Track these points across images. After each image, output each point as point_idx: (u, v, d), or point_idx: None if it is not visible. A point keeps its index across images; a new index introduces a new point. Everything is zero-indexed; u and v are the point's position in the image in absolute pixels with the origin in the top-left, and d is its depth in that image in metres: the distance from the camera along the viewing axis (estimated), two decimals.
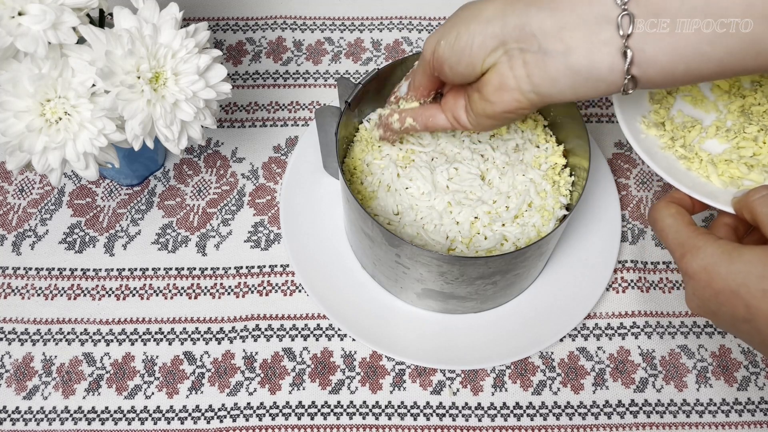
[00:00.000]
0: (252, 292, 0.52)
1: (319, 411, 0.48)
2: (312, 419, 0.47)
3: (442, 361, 0.48)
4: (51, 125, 0.39)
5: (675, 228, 0.37)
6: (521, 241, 0.45)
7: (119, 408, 0.48)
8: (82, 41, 0.39)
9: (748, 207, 0.36)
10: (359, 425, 0.47)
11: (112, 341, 0.50)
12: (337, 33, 0.64)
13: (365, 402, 0.48)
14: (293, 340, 0.50)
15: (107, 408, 0.47)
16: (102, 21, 0.44)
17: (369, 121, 0.51)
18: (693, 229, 0.37)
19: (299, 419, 0.47)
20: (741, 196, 0.37)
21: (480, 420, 0.47)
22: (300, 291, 0.52)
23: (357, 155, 0.50)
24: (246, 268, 0.53)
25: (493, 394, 0.48)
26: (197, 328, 0.50)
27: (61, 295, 0.51)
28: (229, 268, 0.53)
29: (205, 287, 0.52)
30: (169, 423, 0.47)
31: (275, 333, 0.50)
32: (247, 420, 0.47)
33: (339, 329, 0.50)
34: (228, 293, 0.52)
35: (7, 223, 0.54)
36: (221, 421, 0.47)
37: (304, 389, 0.48)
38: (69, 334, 0.50)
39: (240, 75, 0.61)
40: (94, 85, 0.39)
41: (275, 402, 0.48)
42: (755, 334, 0.34)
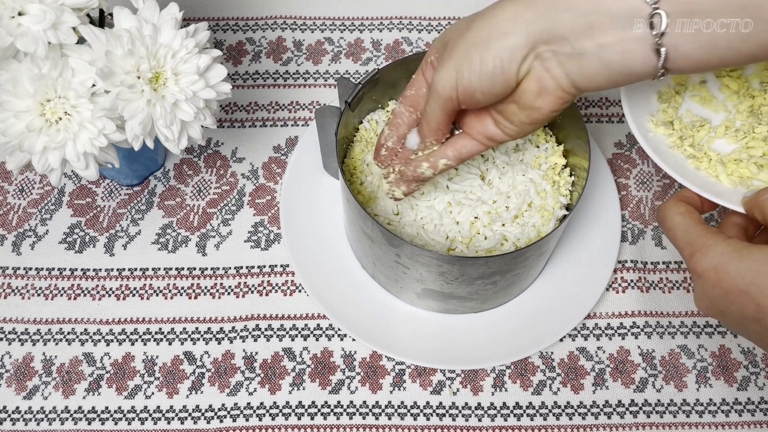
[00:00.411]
0: (252, 292, 0.52)
1: (319, 411, 0.48)
2: (312, 419, 0.47)
3: (442, 361, 0.48)
4: (51, 125, 0.39)
5: (684, 226, 0.37)
6: (521, 241, 0.45)
7: (119, 408, 0.48)
8: (82, 41, 0.39)
9: (759, 207, 0.36)
10: (359, 425, 0.47)
11: (112, 341, 0.50)
12: (337, 33, 0.64)
13: (365, 402, 0.48)
14: (293, 340, 0.50)
15: (107, 408, 0.48)
16: (102, 21, 0.44)
17: (369, 122, 0.51)
18: (702, 228, 0.36)
19: (299, 419, 0.47)
20: (752, 195, 0.37)
21: (480, 420, 0.47)
22: (300, 291, 0.52)
23: (357, 155, 0.50)
24: (246, 268, 0.53)
25: (493, 394, 0.48)
26: (197, 328, 0.50)
27: (61, 295, 0.51)
28: (229, 268, 0.53)
29: (205, 287, 0.52)
30: (169, 423, 0.47)
31: (275, 333, 0.50)
32: (247, 420, 0.47)
33: (339, 329, 0.50)
34: (228, 293, 0.52)
35: (7, 223, 0.54)
36: (221, 421, 0.47)
37: (304, 389, 0.48)
38: (69, 334, 0.50)
39: (240, 75, 0.61)
40: (94, 85, 0.39)
41: (275, 402, 0.48)
42: (764, 333, 0.34)
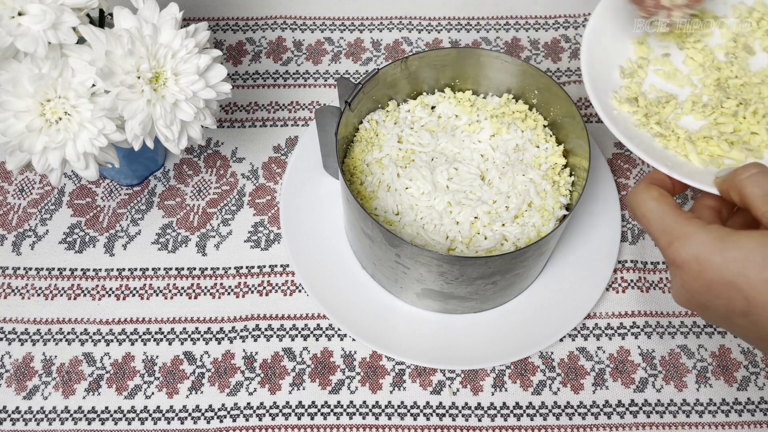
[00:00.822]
0: (252, 292, 0.52)
1: (319, 411, 0.48)
2: (312, 419, 0.47)
3: (441, 361, 0.48)
4: (51, 125, 0.39)
5: (659, 213, 0.34)
6: (521, 241, 0.45)
7: (119, 408, 0.48)
8: (82, 41, 0.39)
9: (736, 187, 0.33)
10: (359, 425, 0.47)
11: (112, 341, 0.50)
12: (337, 33, 0.64)
13: (365, 402, 0.48)
14: (293, 340, 0.50)
15: (107, 408, 0.48)
16: (102, 21, 0.44)
17: (369, 122, 0.51)
18: (679, 214, 0.34)
19: (299, 419, 0.47)
20: (726, 175, 0.34)
21: (480, 420, 0.47)
22: (300, 291, 0.52)
23: (357, 155, 0.50)
24: (246, 268, 0.53)
25: (493, 394, 0.48)
26: (197, 328, 0.50)
27: (61, 295, 0.51)
28: (229, 268, 0.53)
29: (205, 287, 0.52)
30: (169, 423, 0.47)
31: (275, 333, 0.50)
32: (247, 420, 0.47)
33: (339, 329, 0.50)
34: (228, 293, 0.52)
35: (7, 223, 0.54)
36: (221, 421, 0.47)
37: (304, 389, 0.48)
38: (69, 334, 0.50)
39: (240, 75, 0.61)
40: (94, 85, 0.39)
41: (275, 402, 0.48)
42: (752, 328, 0.31)
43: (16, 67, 0.38)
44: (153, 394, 0.48)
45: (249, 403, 0.48)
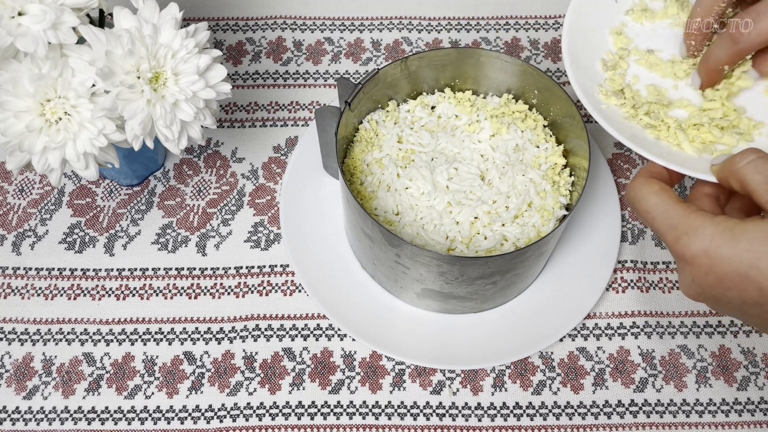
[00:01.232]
0: (252, 292, 0.52)
1: (319, 411, 0.48)
2: (312, 419, 0.47)
3: (441, 361, 0.48)
4: (51, 125, 0.39)
5: (662, 208, 0.33)
6: (521, 241, 0.45)
7: (119, 408, 0.48)
8: (82, 41, 0.39)
9: (735, 174, 0.33)
10: (359, 425, 0.47)
11: (112, 341, 0.50)
12: (337, 33, 0.64)
13: (365, 402, 0.48)
14: (293, 340, 0.50)
15: (107, 408, 0.48)
16: (102, 21, 0.44)
17: (369, 122, 0.51)
18: (684, 208, 0.33)
19: (299, 419, 0.47)
20: (723, 162, 0.34)
21: (480, 420, 0.47)
22: (300, 291, 0.52)
23: (357, 155, 0.50)
24: (246, 268, 0.53)
25: (493, 394, 0.48)
26: (197, 328, 0.50)
27: (61, 295, 0.51)
28: (229, 268, 0.53)
29: (205, 287, 0.52)
30: (169, 423, 0.47)
31: (275, 333, 0.50)
32: (247, 420, 0.47)
33: (339, 329, 0.50)
34: (228, 293, 0.52)
35: (7, 223, 0.54)
36: (221, 421, 0.47)
37: (304, 389, 0.48)
38: (69, 334, 0.50)
39: (240, 75, 0.61)
40: (94, 85, 0.39)
41: (275, 402, 0.48)
42: (767, 317, 0.31)
43: (16, 67, 0.38)
44: (153, 394, 0.48)
45: (249, 403, 0.48)
